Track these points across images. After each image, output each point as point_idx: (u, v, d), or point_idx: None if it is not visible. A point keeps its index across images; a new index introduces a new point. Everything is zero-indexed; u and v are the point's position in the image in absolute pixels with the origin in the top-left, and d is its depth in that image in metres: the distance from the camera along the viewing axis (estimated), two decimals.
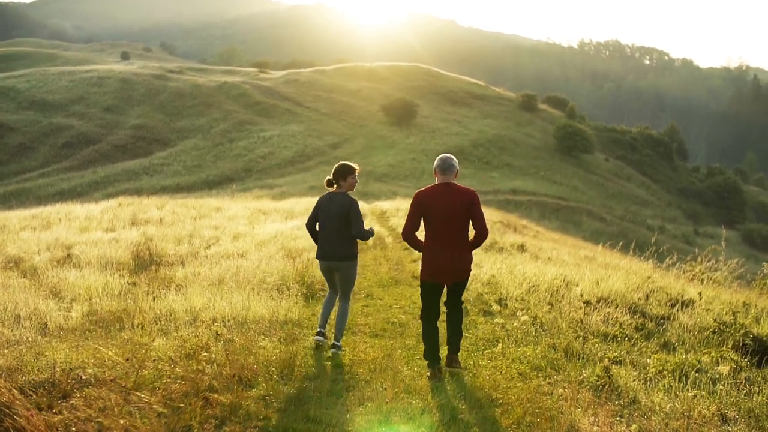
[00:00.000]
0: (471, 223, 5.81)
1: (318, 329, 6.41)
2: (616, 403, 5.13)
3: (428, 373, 5.72)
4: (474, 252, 6.03)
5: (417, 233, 5.93)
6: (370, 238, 6.49)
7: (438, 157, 5.95)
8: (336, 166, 6.45)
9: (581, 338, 6.92)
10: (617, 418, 4.85)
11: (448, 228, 5.72)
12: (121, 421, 3.86)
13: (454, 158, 5.92)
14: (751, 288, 11.23)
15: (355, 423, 4.51)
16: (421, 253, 5.94)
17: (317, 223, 6.49)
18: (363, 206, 20.50)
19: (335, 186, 6.42)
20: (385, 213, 22.55)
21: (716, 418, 4.92)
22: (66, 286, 8.52)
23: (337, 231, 6.26)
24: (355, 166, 6.45)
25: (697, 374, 5.92)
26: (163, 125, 63.73)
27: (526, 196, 48.24)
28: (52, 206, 21.99)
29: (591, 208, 51.28)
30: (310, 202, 23.96)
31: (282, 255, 11.59)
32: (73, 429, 3.81)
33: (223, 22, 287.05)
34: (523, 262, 12.45)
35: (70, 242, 12.90)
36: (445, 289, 6.01)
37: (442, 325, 6.14)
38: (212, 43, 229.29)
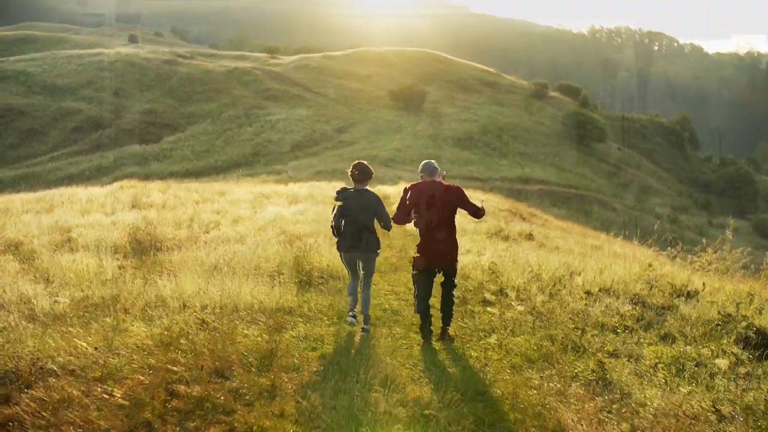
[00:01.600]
0: (467, 212, 6.61)
1: (350, 313, 6.72)
2: (608, 398, 4.93)
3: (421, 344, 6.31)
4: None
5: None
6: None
7: (422, 163, 6.77)
8: (360, 166, 6.79)
9: (579, 329, 6.73)
10: (607, 415, 4.64)
11: (437, 217, 6.40)
12: (73, 414, 3.67)
13: (436, 164, 6.75)
14: (757, 278, 10.97)
15: (322, 418, 4.27)
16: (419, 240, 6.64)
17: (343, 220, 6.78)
18: None
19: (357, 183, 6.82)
20: (389, 198, 22.25)
21: (711, 414, 4.70)
22: (58, 270, 8.38)
23: (363, 225, 6.63)
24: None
25: (695, 368, 5.74)
26: (173, 110, 63.56)
27: (536, 184, 47.86)
28: (56, 189, 21.84)
29: (601, 197, 50.87)
30: (313, 187, 23.78)
31: (281, 240, 11.40)
32: (26, 423, 3.63)
33: (236, 7, 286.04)
34: (527, 250, 12.23)
35: (69, 225, 12.74)
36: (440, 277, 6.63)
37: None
38: (224, 29, 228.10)
